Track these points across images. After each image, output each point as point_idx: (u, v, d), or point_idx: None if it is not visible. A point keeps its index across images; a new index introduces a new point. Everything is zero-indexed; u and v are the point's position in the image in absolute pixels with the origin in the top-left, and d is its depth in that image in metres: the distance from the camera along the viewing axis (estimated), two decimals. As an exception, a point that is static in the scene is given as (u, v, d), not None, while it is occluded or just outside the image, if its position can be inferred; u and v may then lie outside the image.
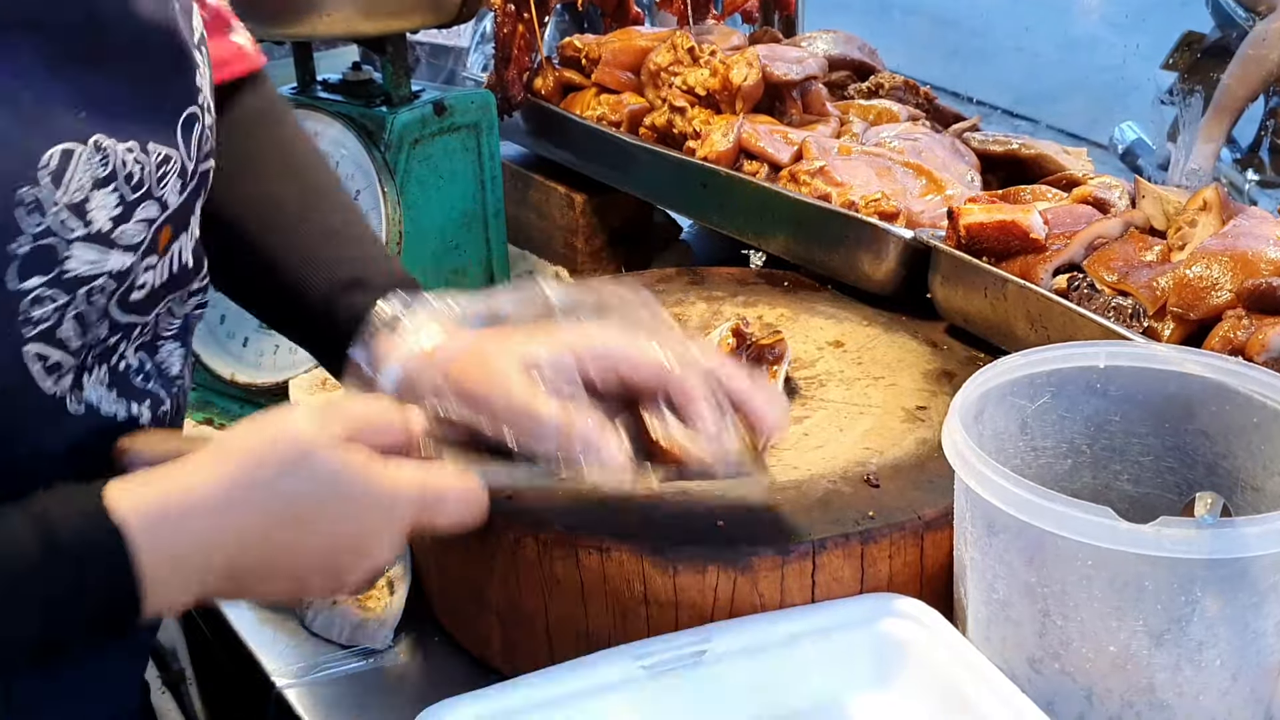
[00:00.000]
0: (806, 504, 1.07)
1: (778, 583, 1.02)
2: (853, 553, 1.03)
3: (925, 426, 1.18)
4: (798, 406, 1.22)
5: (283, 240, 1.05)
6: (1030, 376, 1.05)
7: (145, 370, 0.94)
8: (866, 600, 1.02)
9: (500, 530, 1.05)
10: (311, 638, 1.16)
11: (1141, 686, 0.89)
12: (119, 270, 0.85)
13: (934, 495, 1.07)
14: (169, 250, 0.90)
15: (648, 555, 1.02)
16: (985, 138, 1.62)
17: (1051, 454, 1.08)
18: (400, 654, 1.14)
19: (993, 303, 1.26)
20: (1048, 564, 0.89)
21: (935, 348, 1.33)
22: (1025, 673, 0.93)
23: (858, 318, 1.39)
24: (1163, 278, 1.17)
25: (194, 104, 0.91)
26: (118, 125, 0.83)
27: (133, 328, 0.91)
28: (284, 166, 1.10)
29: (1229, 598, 0.87)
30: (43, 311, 0.81)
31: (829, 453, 1.14)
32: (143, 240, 0.86)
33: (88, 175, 0.81)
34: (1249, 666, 0.89)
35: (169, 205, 0.88)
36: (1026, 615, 0.92)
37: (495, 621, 1.09)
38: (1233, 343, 1.09)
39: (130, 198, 0.84)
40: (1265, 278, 1.11)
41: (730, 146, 1.52)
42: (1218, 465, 1.04)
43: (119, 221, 0.84)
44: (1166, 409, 1.05)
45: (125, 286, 0.86)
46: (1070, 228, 1.26)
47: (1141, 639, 0.88)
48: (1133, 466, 1.08)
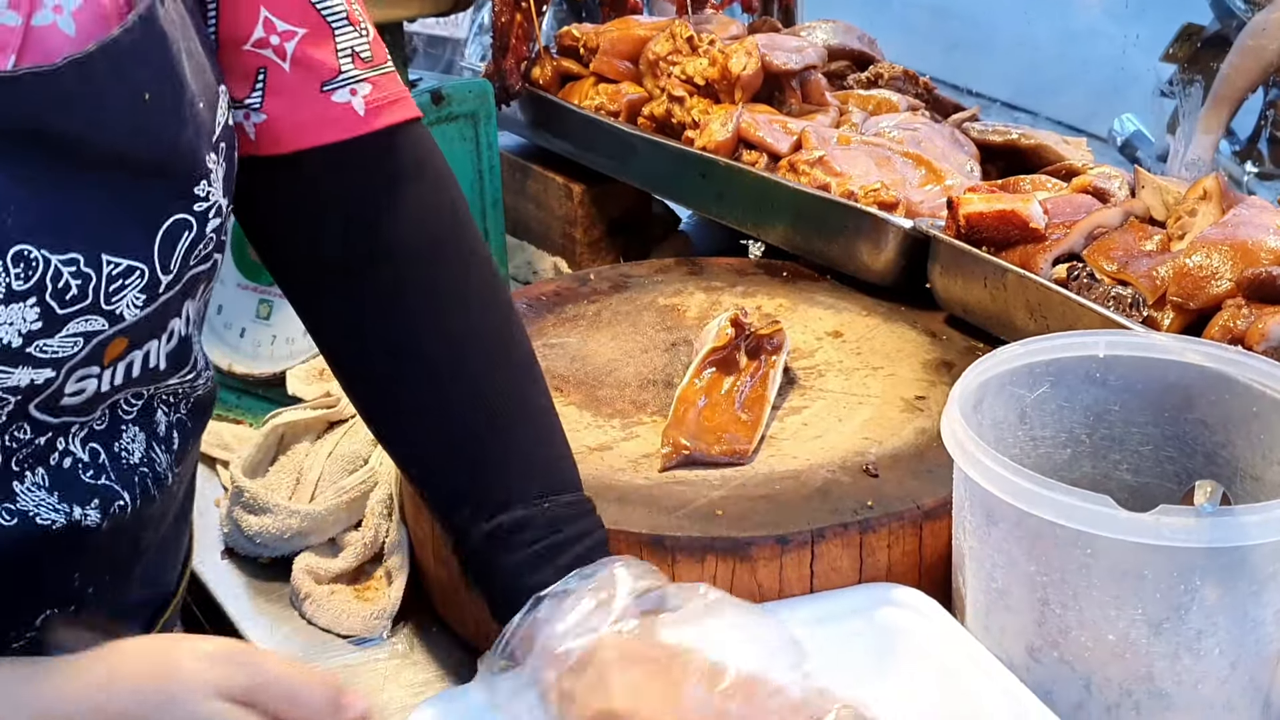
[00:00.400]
0: (805, 493, 1.06)
1: (776, 572, 1.02)
2: (851, 542, 1.03)
3: (924, 416, 1.18)
4: (797, 396, 1.22)
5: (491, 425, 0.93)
6: (1029, 366, 1.05)
7: (99, 463, 0.85)
8: (865, 589, 1.02)
9: (498, 520, 1.05)
10: (309, 628, 1.16)
11: (1140, 675, 0.89)
12: (31, 384, 0.77)
13: (933, 485, 1.07)
14: (122, 359, 0.82)
15: (646, 544, 1.02)
16: (985, 128, 1.62)
17: (1050, 443, 1.08)
18: (398, 645, 1.14)
19: (992, 292, 1.25)
20: (1047, 553, 0.89)
21: (934, 338, 1.32)
22: (1024, 661, 0.93)
23: (857, 308, 1.39)
24: (1162, 267, 1.16)
25: (186, 211, 0.81)
26: (59, 235, 0.75)
27: (69, 426, 0.83)
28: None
29: (1228, 586, 0.87)
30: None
31: (828, 442, 1.14)
32: (75, 353, 0.78)
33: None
34: (1248, 655, 0.89)
35: (123, 319, 0.79)
36: (1025, 604, 0.92)
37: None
38: (1232, 332, 1.08)
39: (60, 312, 0.76)
40: (1265, 267, 1.10)
41: (729, 136, 1.52)
42: (1217, 454, 1.04)
43: (36, 336, 0.76)
44: (1166, 398, 1.05)
45: (48, 395, 0.79)
46: (1070, 217, 1.26)
47: (1140, 627, 0.88)
48: (1132, 456, 1.08)
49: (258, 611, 1.18)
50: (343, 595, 1.18)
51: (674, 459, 1.11)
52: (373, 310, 0.94)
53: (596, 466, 1.10)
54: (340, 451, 1.27)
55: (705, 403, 1.16)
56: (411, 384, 0.94)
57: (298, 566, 1.20)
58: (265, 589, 1.20)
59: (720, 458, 1.11)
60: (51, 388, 0.79)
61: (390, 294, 0.93)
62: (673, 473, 1.10)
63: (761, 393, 1.18)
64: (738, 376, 1.19)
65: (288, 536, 1.21)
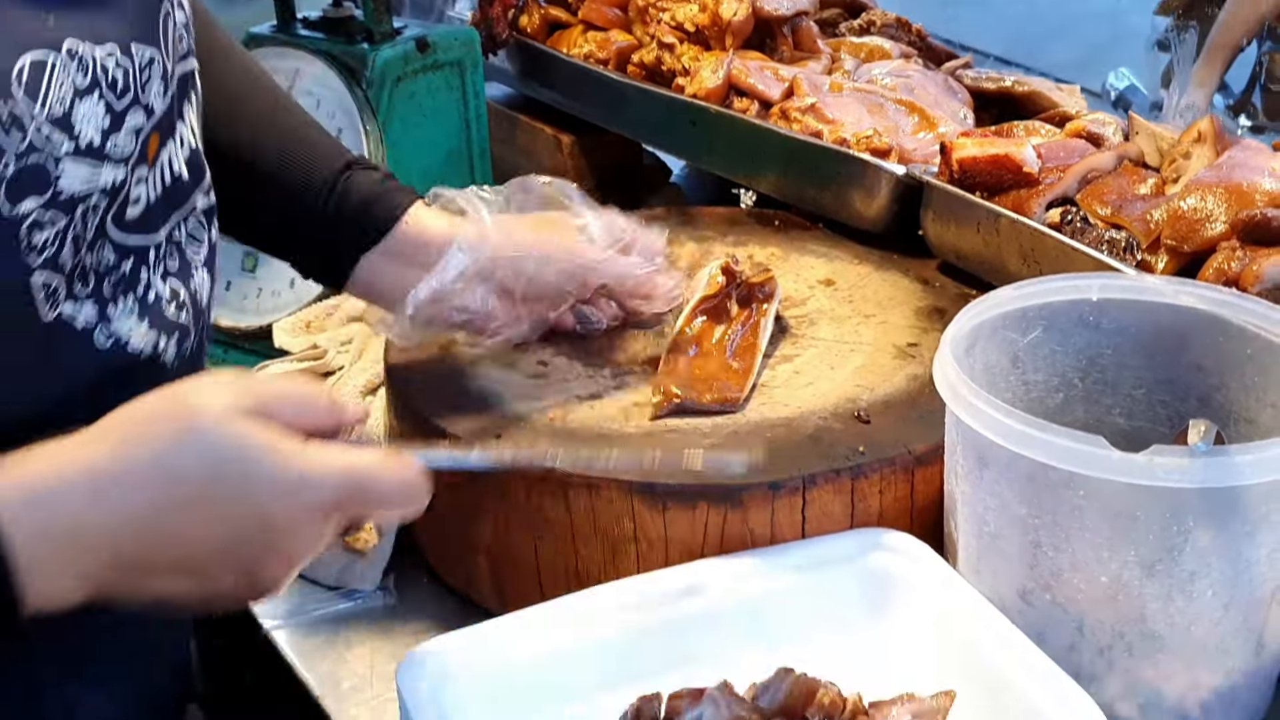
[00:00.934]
0: (797, 440, 1.06)
1: (768, 518, 1.01)
2: (843, 488, 1.02)
3: (916, 363, 1.17)
4: (788, 345, 1.21)
5: (262, 139, 1.07)
6: (1022, 310, 1.04)
7: (179, 300, 0.89)
8: (857, 535, 1.02)
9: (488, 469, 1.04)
10: (299, 580, 1.15)
11: (1133, 617, 0.89)
12: (113, 185, 0.81)
13: (925, 430, 1.06)
14: (158, 160, 0.86)
15: (637, 493, 1.01)
16: (978, 74, 1.60)
17: (1043, 388, 1.07)
18: (389, 595, 1.14)
19: (985, 238, 1.24)
20: (1039, 495, 0.89)
21: (927, 285, 1.31)
22: (1016, 605, 0.93)
23: (849, 256, 1.38)
24: (1156, 210, 1.15)
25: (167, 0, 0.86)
26: (93, 28, 0.78)
27: (145, 251, 0.86)
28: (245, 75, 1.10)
29: (1221, 527, 0.86)
30: (44, 237, 0.76)
31: (820, 390, 1.13)
32: (133, 151, 0.82)
33: (67, 85, 0.76)
34: (1241, 596, 0.89)
35: (155, 110, 0.84)
36: (1017, 547, 0.91)
37: (484, 561, 1.09)
38: (1227, 274, 1.08)
39: (118, 106, 0.80)
40: (1260, 209, 1.09)
41: (720, 83, 1.50)
42: (1211, 398, 1.03)
43: (109, 133, 0.79)
44: (1159, 342, 1.04)
45: (119, 203, 0.82)
46: (1064, 161, 1.25)
47: (1133, 569, 0.87)
48: (1125, 400, 1.07)
49: (247, 563, 1.17)
50: (333, 547, 1.17)
51: (665, 407, 1.10)
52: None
53: (587, 415, 1.10)
54: (329, 403, 1.26)
55: (696, 351, 1.15)
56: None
57: (287, 518, 1.19)
58: (255, 541, 1.19)
59: (711, 406, 1.10)
60: (122, 193, 0.82)
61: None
62: (664, 421, 1.09)
63: (753, 341, 1.17)
64: (729, 325, 1.18)
65: (277, 488, 1.20)
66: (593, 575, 1.03)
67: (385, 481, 0.79)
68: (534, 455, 0.96)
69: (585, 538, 1.03)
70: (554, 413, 1.10)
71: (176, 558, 0.74)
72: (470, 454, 0.90)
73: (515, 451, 0.97)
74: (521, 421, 1.08)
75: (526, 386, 1.14)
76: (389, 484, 0.80)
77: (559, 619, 0.94)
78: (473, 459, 0.90)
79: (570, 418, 1.09)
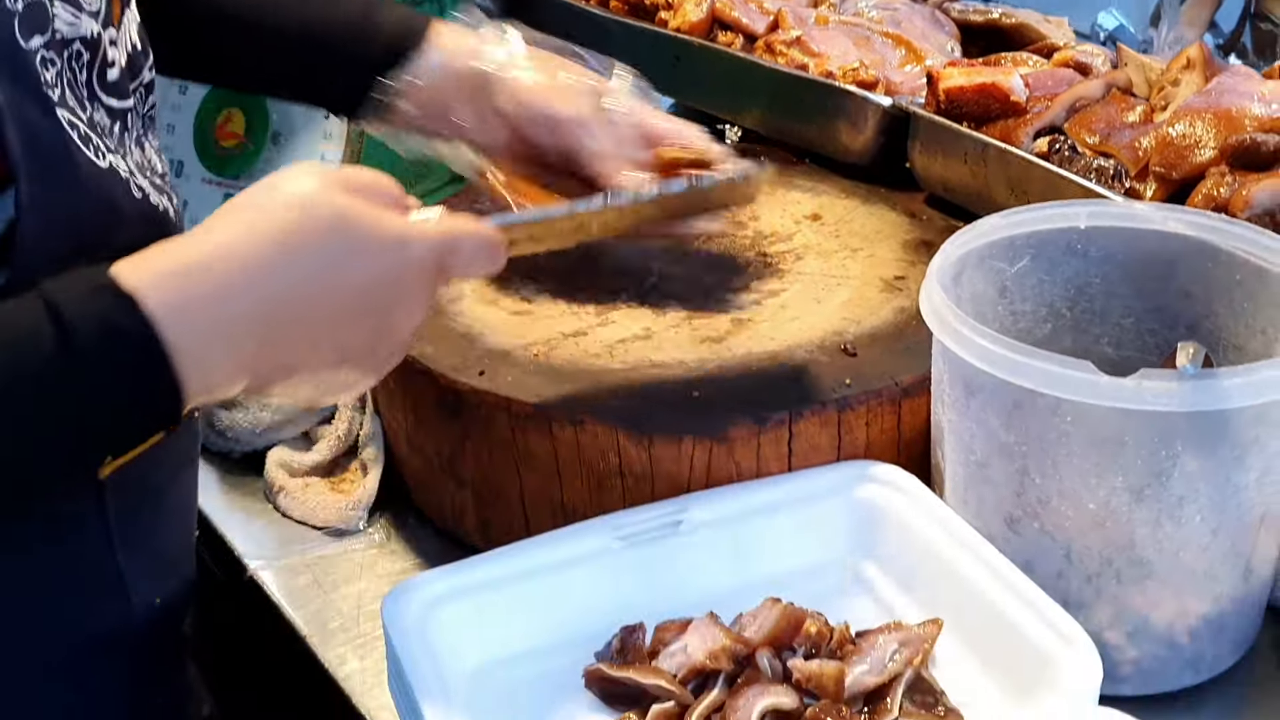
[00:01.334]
0: (783, 374, 1.05)
1: (754, 452, 1.00)
2: (829, 420, 1.01)
3: (903, 296, 1.16)
4: (774, 280, 1.20)
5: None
6: (1010, 239, 1.03)
7: (159, 169, 0.90)
8: (844, 467, 1.01)
9: (472, 405, 1.03)
10: (284, 521, 1.15)
11: (1121, 543, 0.88)
12: (90, 37, 0.81)
13: (912, 362, 1.05)
14: (122, 23, 0.86)
15: (622, 427, 1.00)
16: (965, 7, 1.58)
17: (1031, 318, 1.06)
18: (375, 535, 1.13)
19: (973, 169, 1.23)
20: (1026, 422, 0.88)
21: (914, 218, 1.30)
22: (1003, 533, 0.92)
23: (835, 190, 1.36)
24: (1145, 138, 1.14)
25: None
26: None
27: (126, 115, 0.86)
28: None
29: (1210, 452, 0.85)
30: (49, 75, 0.77)
31: (806, 324, 1.12)
32: (100, 7, 0.82)
33: None
34: (1229, 521, 0.88)
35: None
36: (1004, 475, 0.91)
37: (469, 498, 1.08)
38: (1216, 200, 1.06)
39: None
40: (1250, 134, 1.08)
41: (703, 16, 1.48)
42: (1199, 325, 1.02)
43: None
44: (1148, 269, 1.03)
45: (99, 62, 0.82)
46: (1051, 90, 1.23)
47: (1121, 495, 0.87)
48: (1113, 329, 1.07)
49: (231, 506, 1.17)
50: (317, 488, 1.16)
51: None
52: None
53: (571, 352, 1.09)
54: (312, 344, 1.25)
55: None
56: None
57: (271, 460, 1.18)
58: (238, 484, 1.19)
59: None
60: (99, 50, 0.82)
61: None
62: (648, 356, 1.08)
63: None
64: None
65: (259, 431, 1.19)
66: (578, 511, 1.02)
67: (472, 240, 0.85)
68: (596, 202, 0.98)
69: (571, 473, 1.02)
70: (538, 349, 1.09)
71: (317, 326, 0.77)
72: (545, 208, 0.96)
73: (572, 203, 0.97)
74: (505, 357, 1.07)
75: (510, 323, 1.13)
76: (476, 242, 0.85)
77: (544, 552, 0.94)
78: (549, 211, 0.95)
79: (554, 354, 1.08)
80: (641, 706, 0.86)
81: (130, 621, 0.88)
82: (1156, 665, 0.93)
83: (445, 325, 1.13)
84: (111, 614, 0.87)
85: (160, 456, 0.86)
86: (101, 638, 0.87)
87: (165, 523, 0.92)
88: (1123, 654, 0.92)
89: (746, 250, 1.25)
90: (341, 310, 0.78)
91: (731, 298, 1.17)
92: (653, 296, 1.17)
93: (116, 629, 0.87)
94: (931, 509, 0.96)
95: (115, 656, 0.88)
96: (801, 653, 0.88)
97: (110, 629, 0.87)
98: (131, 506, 0.85)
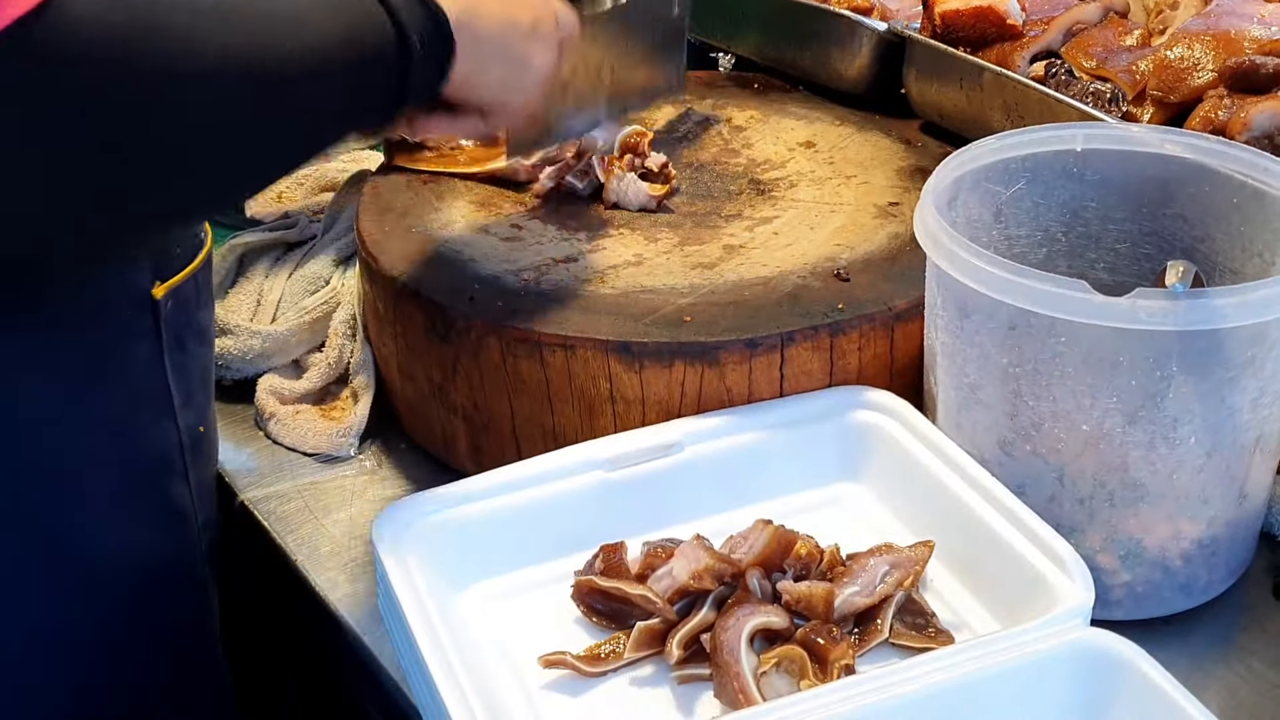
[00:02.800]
0: (775, 298, 1.04)
1: (745, 376, 1.00)
2: (821, 345, 1.00)
3: (897, 222, 1.15)
4: (767, 207, 1.19)
5: None
6: (1005, 161, 1.02)
7: None
8: (836, 392, 1.01)
9: (462, 331, 1.03)
10: (274, 448, 1.15)
11: (1114, 466, 0.88)
12: None
13: (905, 287, 1.04)
14: None
15: (613, 352, 0.99)
16: (962, -67, 1.56)
17: (1026, 243, 1.05)
18: (366, 461, 1.13)
19: (968, 94, 1.22)
20: (1020, 343, 0.87)
21: (909, 145, 1.29)
22: (996, 456, 0.92)
23: (830, 118, 1.35)
24: (1142, 61, 1.13)
25: None
26: None
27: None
28: None
29: (1204, 373, 0.85)
30: None
31: (799, 250, 1.11)
32: None
33: None
34: (1224, 443, 0.88)
35: None
36: (998, 398, 0.90)
37: (461, 424, 1.07)
38: (1214, 123, 1.05)
39: None
40: (1249, 56, 1.07)
41: (697, -58, 1.46)
42: (1195, 249, 1.01)
43: None
44: (1144, 192, 1.02)
45: None
46: (1048, 14, 1.22)
47: (1115, 417, 0.86)
48: (1108, 254, 1.06)
49: (222, 433, 1.16)
50: (308, 415, 1.16)
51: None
52: None
53: (562, 278, 1.08)
54: (301, 273, 1.25)
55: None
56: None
57: (261, 387, 1.18)
58: (228, 411, 1.18)
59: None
60: None
61: None
62: (640, 282, 1.07)
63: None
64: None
65: (250, 358, 1.18)
66: (569, 436, 1.02)
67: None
68: None
69: (562, 399, 1.01)
70: (528, 275, 1.08)
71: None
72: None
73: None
74: (496, 282, 1.06)
75: (501, 249, 1.12)
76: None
77: (535, 476, 0.94)
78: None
79: (545, 279, 1.07)
80: (628, 627, 0.86)
81: (179, 447, 0.95)
82: (1149, 589, 0.92)
83: (435, 251, 1.12)
84: (164, 438, 0.94)
85: (200, 281, 0.96)
86: (156, 463, 0.94)
87: (201, 350, 0.98)
88: (1115, 578, 0.92)
89: (740, 177, 1.24)
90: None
91: (724, 224, 1.16)
92: (644, 224, 1.16)
93: (167, 454, 0.94)
94: (924, 433, 0.95)
95: (169, 483, 0.95)
96: (791, 574, 0.88)
97: (163, 453, 0.94)
98: (177, 330, 0.93)
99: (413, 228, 1.15)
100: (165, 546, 0.96)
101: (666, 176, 1.21)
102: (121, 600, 0.93)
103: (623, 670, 0.85)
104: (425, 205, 1.19)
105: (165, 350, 0.92)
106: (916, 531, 0.94)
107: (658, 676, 0.85)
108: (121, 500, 0.91)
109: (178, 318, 0.93)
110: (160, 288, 0.91)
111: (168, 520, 0.96)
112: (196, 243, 0.97)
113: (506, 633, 0.88)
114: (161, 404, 0.93)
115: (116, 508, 0.91)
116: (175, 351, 0.93)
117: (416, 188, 1.23)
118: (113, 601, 0.93)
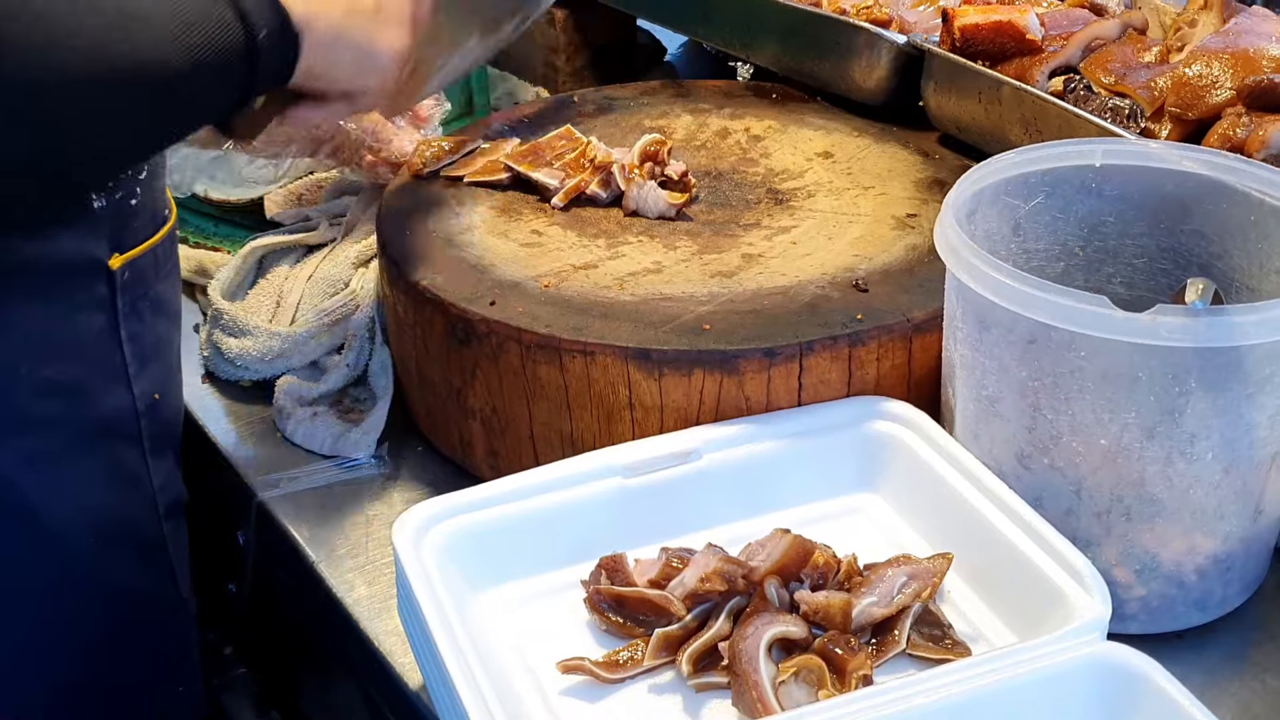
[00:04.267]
0: (794, 308, 1.05)
1: (764, 385, 1.00)
2: (840, 355, 1.01)
3: (915, 233, 1.16)
4: (785, 216, 1.19)
5: None
6: (1024, 176, 1.02)
7: None
8: (854, 402, 1.01)
9: (482, 335, 1.03)
10: (293, 449, 1.15)
11: (1131, 480, 0.88)
12: None
13: (923, 298, 1.05)
14: None
15: (632, 359, 1.00)
16: (980, -54, 1.56)
17: (1044, 256, 1.06)
18: (383, 464, 1.13)
19: (987, 107, 1.22)
20: (1040, 357, 0.88)
21: (927, 157, 1.29)
22: (1014, 469, 0.92)
23: (848, 128, 1.35)
24: (1161, 78, 1.13)
25: None
26: None
27: None
28: None
29: (1222, 389, 0.85)
30: None
31: (817, 260, 1.12)
32: None
33: None
34: (1241, 460, 0.88)
35: None
36: (1016, 411, 0.91)
37: (478, 428, 1.08)
38: (1232, 140, 1.06)
39: None
40: (1267, 74, 1.07)
41: (717, -48, 1.46)
42: (1212, 266, 1.02)
43: None
44: (1162, 208, 1.03)
45: None
46: (1067, 29, 1.22)
47: (1133, 432, 0.87)
48: (1126, 269, 1.06)
49: (240, 433, 1.17)
50: (326, 416, 1.16)
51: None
52: None
53: (582, 284, 1.08)
54: (320, 275, 1.25)
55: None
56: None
57: (280, 388, 1.18)
58: (246, 412, 1.19)
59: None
60: None
61: None
62: (659, 290, 1.08)
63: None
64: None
65: (269, 359, 1.19)
66: (587, 443, 1.02)
67: None
68: None
69: (580, 404, 1.02)
70: (548, 280, 1.08)
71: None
72: None
73: None
74: (516, 288, 1.07)
75: (520, 255, 1.13)
76: None
77: (553, 482, 0.94)
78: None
79: (565, 285, 1.08)
80: (645, 634, 0.87)
81: (133, 412, 1.00)
82: (1164, 604, 0.93)
83: (456, 256, 1.12)
84: (115, 402, 0.99)
85: (159, 255, 1.01)
86: (109, 422, 0.99)
87: (158, 320, 1.03)
88: (1130, 592, 0.92)
89: (758, 186, 1.24)
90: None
91: (742, 233, 1.16)
92: (663, 231, 1.17)
93: (119, 418, 0.99)
94: (942, 444, 0.96)
95: (121, 446, 1.00)
96: (809, 584, 0.88)
97: (117, 413, 0.99)
98: (133, 300, 0.99)
99: (434, 232, 1.16)
100: (117, 506, 1.01)
101: (686, 185, 1.22)
102: (76, 558, 0.98)
103: (641, 677, 0.86)
104: (446, 210, 1.20)
105: (120, 319, 0.98)
106: (933, 542, 0.95)
107: (675, 683, 0.86)
108: (71, 458, 0.96)
109: (134, 289, 0.99)
110: (118, 259, 0.97)
111: (120, 480, 1.01)
112: (159, 219, 1.02)
113: (524, 637, 0.89)
114: (114, 369, 0.98)
115: (66, 466, 0.96)
116: (131, 320, 0.99)
117: (437, 192, 1.23)
118: (67, 557, 0.98)
